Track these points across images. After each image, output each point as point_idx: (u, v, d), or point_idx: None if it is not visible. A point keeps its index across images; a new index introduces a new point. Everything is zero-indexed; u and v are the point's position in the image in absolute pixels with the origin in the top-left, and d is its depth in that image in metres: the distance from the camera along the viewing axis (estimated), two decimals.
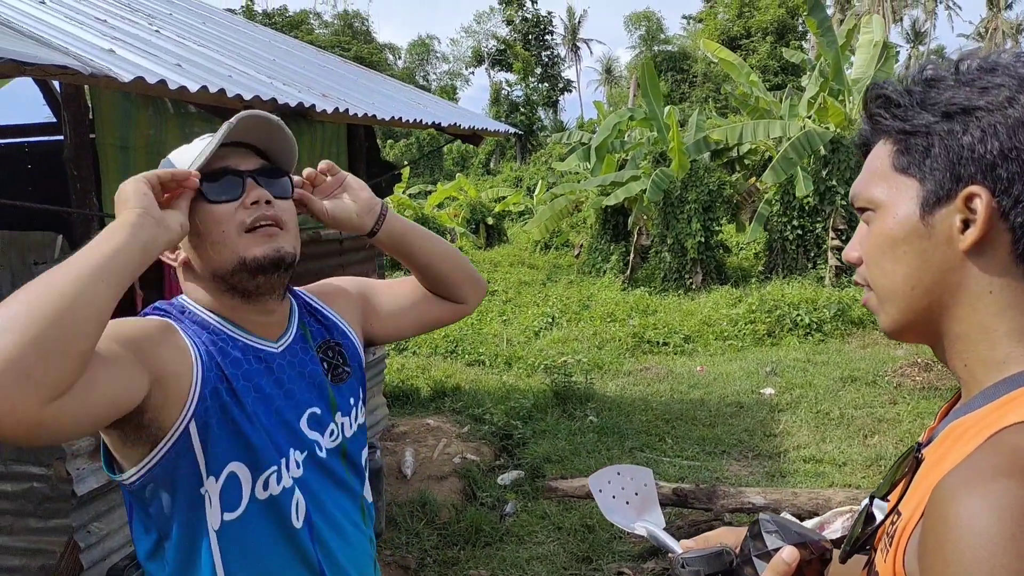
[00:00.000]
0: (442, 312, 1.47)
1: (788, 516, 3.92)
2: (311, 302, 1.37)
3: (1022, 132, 0.66)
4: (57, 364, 0.86)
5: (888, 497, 0.78)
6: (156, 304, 1.22)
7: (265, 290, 1.20)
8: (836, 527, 3.33)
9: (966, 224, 0.69)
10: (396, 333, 1.49)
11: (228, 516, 1.13)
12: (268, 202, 1.17)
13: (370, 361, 5.51)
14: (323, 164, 1.32)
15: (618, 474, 1.26)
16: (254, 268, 1.15)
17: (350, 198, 1.32)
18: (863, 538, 0.79)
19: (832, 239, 11.43)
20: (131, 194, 1.05)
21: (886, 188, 0.74)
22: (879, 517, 0.78)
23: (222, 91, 2.74)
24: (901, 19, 45.29)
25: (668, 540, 1.10)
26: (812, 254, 11.89)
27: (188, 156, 1.19)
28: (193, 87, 2.62)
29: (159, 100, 3.48)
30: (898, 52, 18.39)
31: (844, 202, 11.23)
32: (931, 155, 0.70)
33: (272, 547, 1.16)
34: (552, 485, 4.52)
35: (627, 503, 1.23)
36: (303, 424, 1.22)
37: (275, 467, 1.16)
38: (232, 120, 1.15)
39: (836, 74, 11.60)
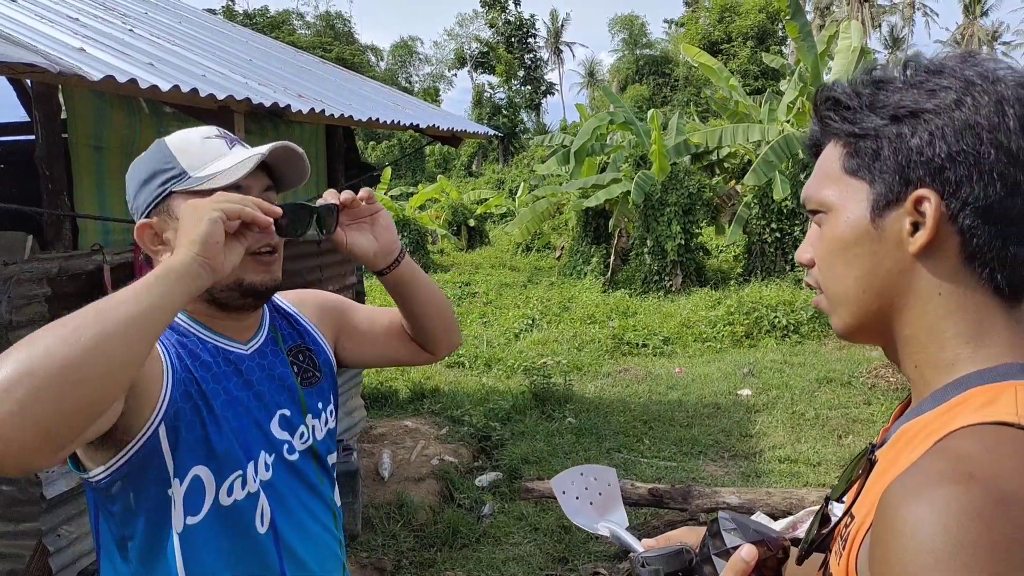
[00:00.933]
0: (410, 355, 1.47)
1: (762, 516, 3.95)
2: (284, 307, 1.37)
3: (969, 135, 0.66)
4: (77, 422, 0.84)
5: (844, 498, 0.78)
6: None
7: (249, 308, 1.22)
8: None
9: (916, 227, 0.69)
10: (362, 360, 1.48)
11: (190, 520, 1.12)
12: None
13: None
14: (364, 192, 1.28)
15: (581, 475, 1.26)
16: (248, 292, 1.17)
17: (373, 235, 1.29)
18: (819, 539, 0.79)
19: None
20: (204, 237, 0.97)
21: (836, 191, 0.74)
22: (834, 519, 0.78)
23: (195, 90, 2.73)
24: (879, 25, 45.87)
25: (630, 539, 1.10)
26: (790, 256, 12.00)
27: (197, 154, 1.15)
28: (165, 86, 2.61)
29: (133, 100, 3.46)
30: (876, 58, 18.63)
31: None
32: (880, 158, 0.70)
33: (232, 552, 1.15)
34: (529, 486, 4.53)
35: (590, 504, 1.23)
36: (273, 425, 1.22)
37: (240, 472, 1.15)
38: (272, 147, 1.14)
39: (815, 79, 11.73)
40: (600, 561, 4.03)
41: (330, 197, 1.25)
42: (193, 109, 3.20)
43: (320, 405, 1.31)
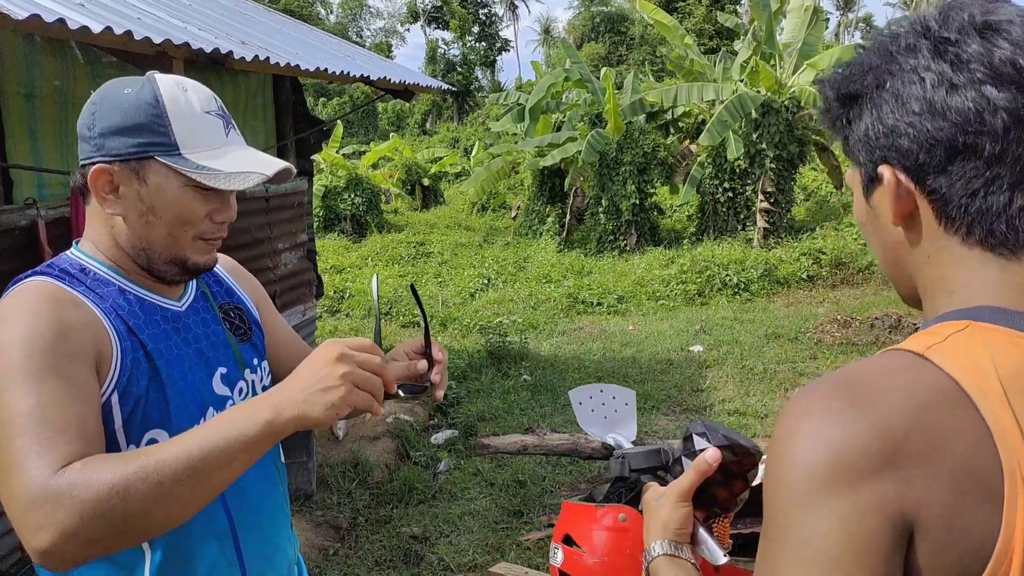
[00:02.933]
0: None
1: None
2: None
3: (898, 109, 0.68)
4: (124, 544, 0.94)
5: None
6: (50, 266, 1.12)
7: (182, 281, 1.21)
8: (760, 475, 3.47)
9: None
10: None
11: None
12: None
13: (301, 323, 5.40)
14: (443, 357, 1.23)
15: (601, 391, 1.37)
16: (190, 270, 1.16)
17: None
18: None
19: (761, 201, 11.72)
20: (330, 406, 0.93)
21: (850, 175, 0.79)
22: None
23: (129, 33, 2.58)
24: None
25: (628, 447, 1.19)
26: (742, 216, 12.18)
27: (194, 131, 1.09)
28: (96, 27, 2.46)
29: (66, 46, 3.26)
30: (828, 18, 18.78)
31: (773, 165, 11.51)
32: (851, 145, 0.74)
33: None
34: (484, 442, 4.56)
35: (604, 418, 1.34)
36: (216, 382, 1.20)
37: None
38: (276, 171, 1.12)
39: (768, 38, 11.78)
40: (554, 513, 4.09)
41: (437, 355, 1.21)
42: (132, 56, 3.03)
43: (255, 361, 1.29)
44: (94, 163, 1.08)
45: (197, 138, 1.09)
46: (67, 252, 1.16)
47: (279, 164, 1.13)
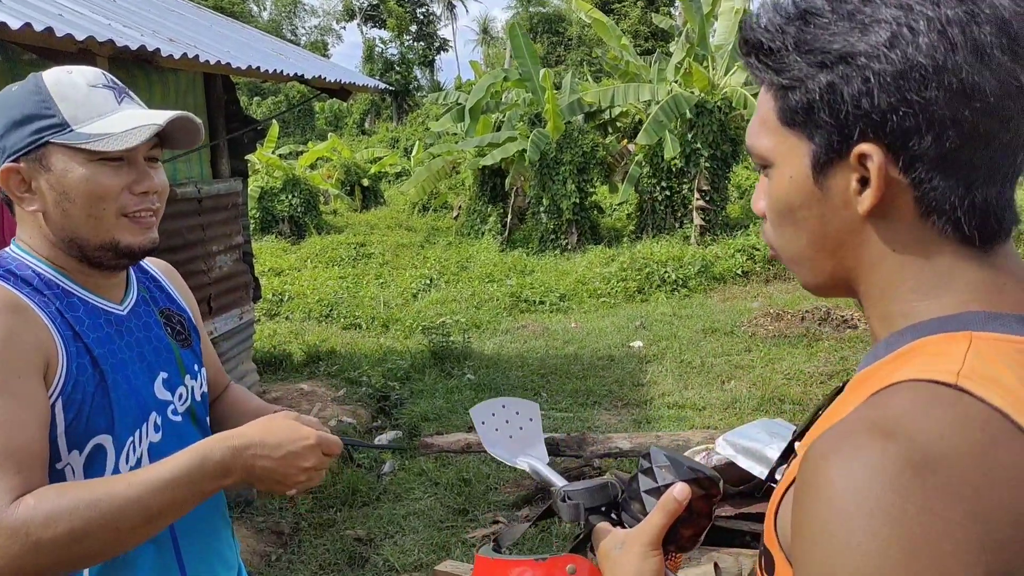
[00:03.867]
0: None
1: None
2: (149, 269, 1.33)
3: (911, 78, 0.56)
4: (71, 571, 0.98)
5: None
6: None
7: (122, 268, 1.18)
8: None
9: (864, 183, 0.60)
10: None
11: None
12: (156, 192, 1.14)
13: (238, 326, 5.29)
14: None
15: (503, 407, 1.22)
16: (124, 253, 1.12)
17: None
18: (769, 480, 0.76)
19: (697, 200, 12.01)
20: (298, 483, 1.08)
21: (775, 143, 0.65)
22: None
23: (50, 30, 2.49)
24: None
25: (549, 474, 1.06)
26: (679, 214, 12.45)
27: (81, 105, 1.08)
28: (15, 24, 2.37)
29: None
30: None
31: (708, 164, 11.80)
32: (814, 111, 0.61)
33: None
34: (428, 441, 4.56)
35: (510, 437, 1.20)
36: (157, 386, 1.19)
37: (134, 435, 1.12)
38: (169, 117, 1.10)
39: (701, 40, 12.07)
40: (500, 510, 4.12)
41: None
42: (54, 53, 2.92)
43: (196, 367, 1.29)
44: (1, 166, 1.07)
45: (86, 111, 1.08)
46: (8, 250, 1.14)
47: (174, 113, 1.11)
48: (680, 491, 0.77)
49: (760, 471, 3.21)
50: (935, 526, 0.49)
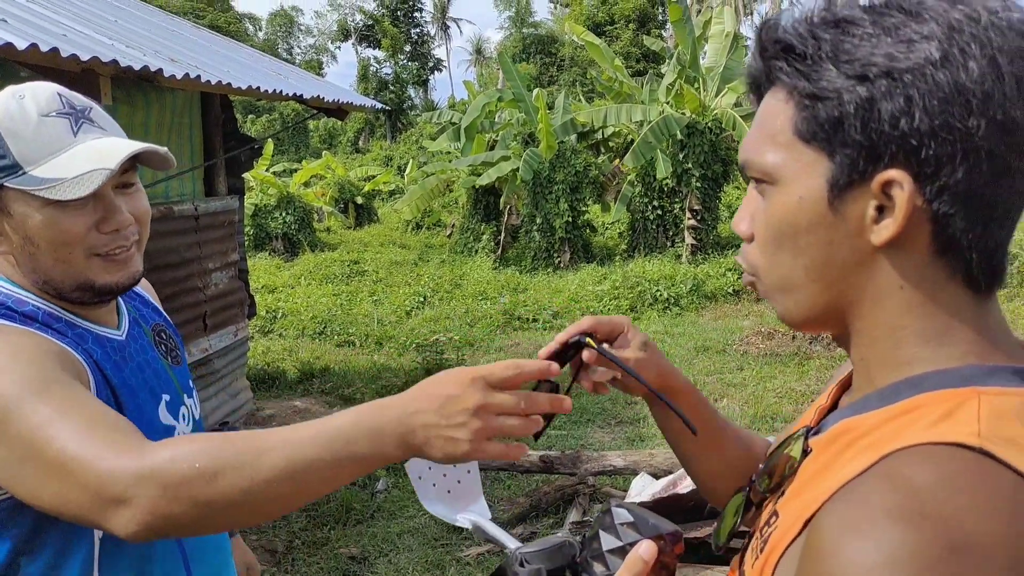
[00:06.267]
0: None
1: (645, 476, 4.15)
2: None
3: (956, 103, 0.52)
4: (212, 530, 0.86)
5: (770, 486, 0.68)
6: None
7: (107, 302, 1.10)
8: (688, 483, 3.59)
9: (880, 210, 0.56)
10: None
11: None
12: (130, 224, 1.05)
13: (233, 343, 5.30)
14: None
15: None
16: (102, 292, 1.05)
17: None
18: (736, 530, 0.72)
19: (688, 219, 12.12)
20: (451, 455, 0.80)
21: (786, 159, 0.59)
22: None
23: (55, 50, 2.53)
24: (751, 13, 48.30)
25: (496, 532, 1.02)
26: (671, 233, 12.56)
27: (32, 141, 0.98)
28: (21, 44, 2.41)
29: None
30: (747, 43, 19.59)
31: (699, 184, 11.92)
32: (843, 127, 0.55)
33: (139, 546, 1.09)
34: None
35: (448, 492, 1.11)
36: (162, 411, 1.16)
37: None
38: (129, 154, 1.00)
39: (692, 62, 12.24)
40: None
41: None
42: (55, 73, 2.96)
43: (190, 384, 1.27)
44: None
45: (37, 149, 0.98)
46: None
47: (132, 149, 1.00)
48: (646, 550, 0.72)
49: None
50: None
